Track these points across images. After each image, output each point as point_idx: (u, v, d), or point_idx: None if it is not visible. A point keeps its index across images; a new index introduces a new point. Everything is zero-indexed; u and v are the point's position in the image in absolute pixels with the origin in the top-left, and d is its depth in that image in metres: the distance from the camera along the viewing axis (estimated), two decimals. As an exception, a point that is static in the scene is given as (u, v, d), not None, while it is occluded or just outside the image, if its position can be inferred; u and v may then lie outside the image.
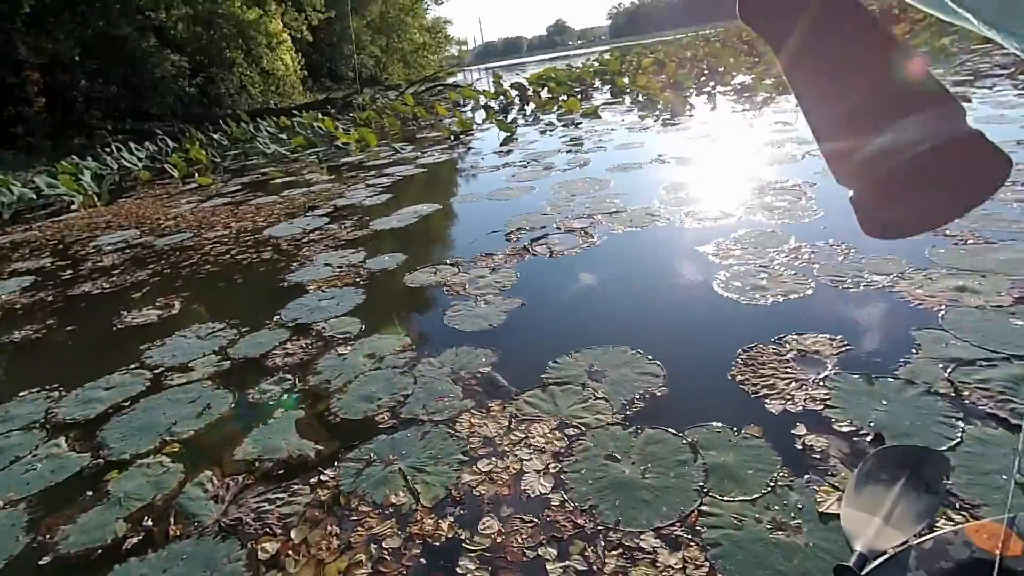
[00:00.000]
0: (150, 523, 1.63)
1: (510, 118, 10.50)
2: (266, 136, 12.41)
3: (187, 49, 19.50)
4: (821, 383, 1.72)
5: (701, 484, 1.40)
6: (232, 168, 9.77)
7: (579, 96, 11.80)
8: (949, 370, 1.69)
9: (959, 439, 1.41)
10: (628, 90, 11.43)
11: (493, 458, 1.63)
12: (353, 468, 1.71)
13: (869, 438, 1.46)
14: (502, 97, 13.46)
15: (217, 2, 19.37)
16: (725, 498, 1.35)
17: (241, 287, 3.64)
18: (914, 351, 1.81)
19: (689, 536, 1.27)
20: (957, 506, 1.23)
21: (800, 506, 1.29)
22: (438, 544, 1.38)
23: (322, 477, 1.70)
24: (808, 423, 1.56)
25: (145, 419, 2.22)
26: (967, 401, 1.55)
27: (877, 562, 0.94)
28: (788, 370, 1.82)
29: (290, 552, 1.44)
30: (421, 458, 1.70)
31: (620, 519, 1.35)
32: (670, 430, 1.62)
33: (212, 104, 20.84)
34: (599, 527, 1.34)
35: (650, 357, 2.01)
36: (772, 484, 1.36)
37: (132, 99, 17.72)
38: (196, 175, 8.84)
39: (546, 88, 13.34)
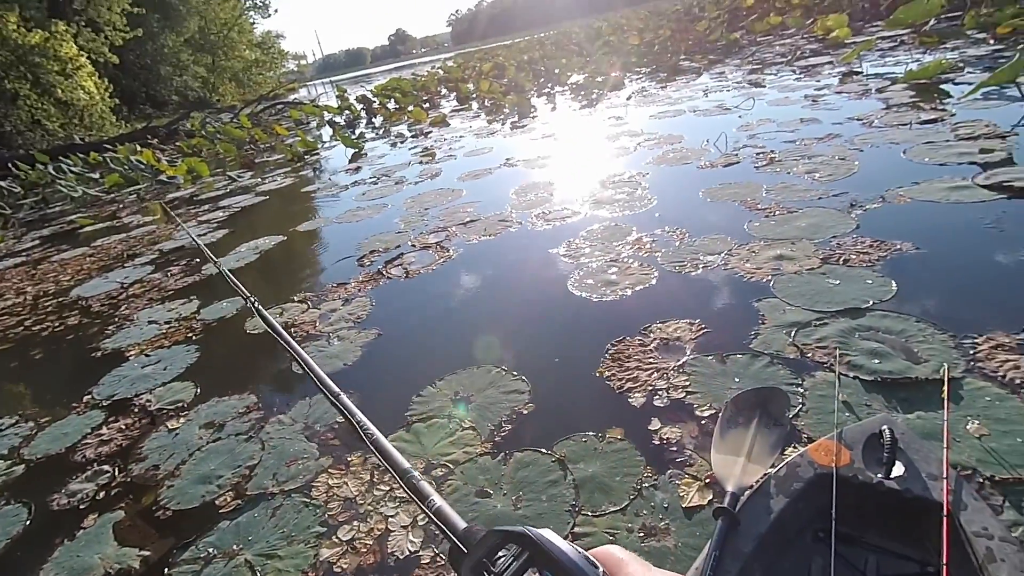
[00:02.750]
0: None
1: (358, 133, 10.10)
2: (71, 177, 10.68)
3: (-52, 82, 16.24)
4: (681, 369, 1.78)
5: (573, 503, 1.37)
6: (29, 220, 8.26)
7: (426, 105, 11.70)
8: (792, 334, 1.82)
9: (801, 403, 1.51)
10: (473, 96, 11.57)
11: (355, 522, 1.47)
12: (188, 572, 1.44)
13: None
14: (348, 112, 12.93)
15: (-16, 25, 16.35)
16: (596, 513, 1.32)
17: (40, 366, 3.02)
18: (760, 322, 1.94)
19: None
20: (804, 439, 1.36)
21: (666, 505, 1.30)
22: (296, 644, 1.19)
23: (149, 593, 1.41)
24: (669, 414, 1.60)
25: (-101, 568, 1.71)
26: (809, 360, 1.69)
27: (744, 496, 1.04)
28: (651, 360, 1.86)
29: None
30: (272, 540, 1.48)
31: (496, 561, 1.26)
32: (540, 449, 1.57)
33: (-4, 144, 17.56)
34: None
35: (515, 373, 1.96)
36: (638, 488, 1.36)
37: None
38: (-22, 234, 7.32)
39: (393, 99, 13.06)
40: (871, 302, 1.90)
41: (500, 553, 0.35)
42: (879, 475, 1.00)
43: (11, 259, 5.78)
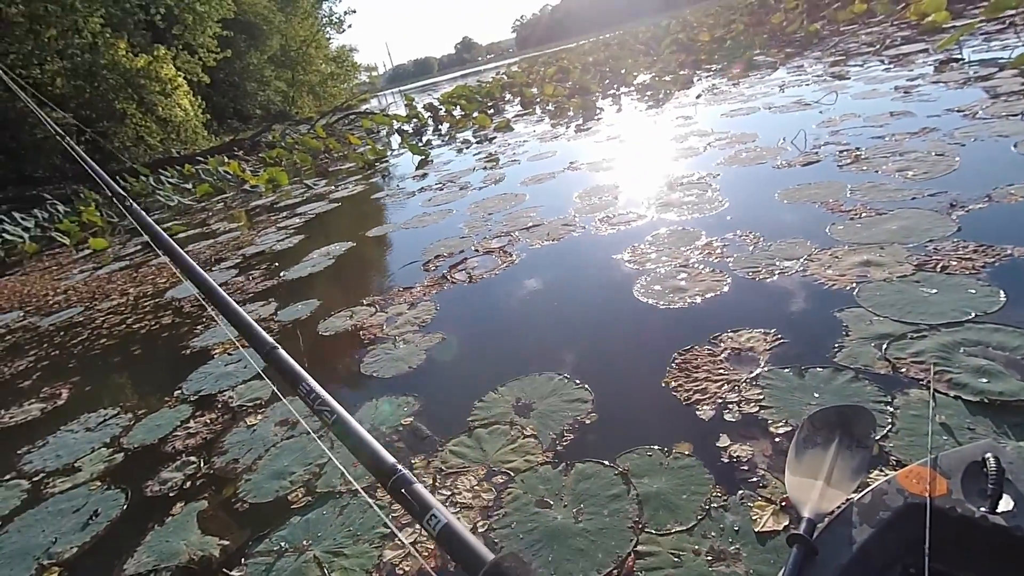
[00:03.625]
0: None
1: (424, 140, 10.38)
2: (168, 187, 11.67)
3: (70, 104, 18.13)
4: (754, 382, 1.68)
5: (636, 519, 1.31)
6: (132, 227, 9.07)
7: (491, 111, 11.84)
8: (884, 347, 1.67)
9: (890, 424, 1.39)
10: (537, 100, 11.58)
11: (417, 526, 1.48)
12: (262, 563, 1.51)
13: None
14: (415, 120, 13.31)
15: (99, 52, 18.15)
16: (661, 532, 1.26)
17: (138, 361, 3.30)
18: (844, 333, 1.79)
19: (629, 582, 1.18)
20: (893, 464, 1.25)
21: (737, 528, 1.22)
22: (359, 643, 1.22)
23: (227, 581, 1.49)
24: (741, 429, 1.51)
25: (20, 542, 1.91)
26: (903, 376, 1.53)
27: (823, 524, 0.98)
28: (721, 371, 1.77)
29: None
30: (339, 539, 1.52)
31: None
32: (602, 461, 1.53)
33: (107, 160, 19.44)
34: (535, 589, 1.22)
35: (577, 381, 1.93)
36: (706, 508, 1.29)
37: (12, 164, 16.27)
38: (91, 239, 8.14)
39: (458, 106, 13.32)
40: (973, 314, 1.71)
41: None
42: (983, 508, 0.89)
43: (117, 263, 6.38)
